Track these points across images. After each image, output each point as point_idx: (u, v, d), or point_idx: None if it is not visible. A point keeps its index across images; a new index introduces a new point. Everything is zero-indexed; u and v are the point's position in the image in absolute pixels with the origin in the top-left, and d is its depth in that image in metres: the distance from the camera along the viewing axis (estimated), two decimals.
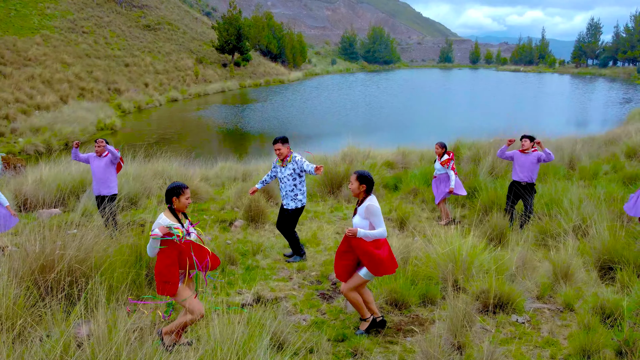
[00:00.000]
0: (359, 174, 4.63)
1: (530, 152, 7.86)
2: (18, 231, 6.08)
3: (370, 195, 4.65)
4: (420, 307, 5.09)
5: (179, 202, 4.15)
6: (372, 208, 4.50)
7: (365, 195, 4.63)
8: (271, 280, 5.90)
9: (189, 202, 4.23)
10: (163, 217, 4.06)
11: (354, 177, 4.64)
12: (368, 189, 4.62)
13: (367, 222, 4.52)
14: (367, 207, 4.52)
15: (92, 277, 3.89)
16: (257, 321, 3.02)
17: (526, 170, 7.85)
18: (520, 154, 7.94)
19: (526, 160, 7.85)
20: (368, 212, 4.50)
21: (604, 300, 4.38)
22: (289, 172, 6.53)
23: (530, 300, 5.07)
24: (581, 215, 6.55)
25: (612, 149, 13.38)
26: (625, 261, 5.23)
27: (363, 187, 4.60)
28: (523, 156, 7.90)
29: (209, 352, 2.55)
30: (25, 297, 3.60)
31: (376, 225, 4.48)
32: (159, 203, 8.85)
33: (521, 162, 7.90)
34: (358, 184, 4.60)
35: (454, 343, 4.03)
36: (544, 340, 4.40)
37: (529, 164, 7.83)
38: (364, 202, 4.59)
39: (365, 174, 4.64)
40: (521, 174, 7.92)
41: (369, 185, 4.61)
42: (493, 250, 5.61)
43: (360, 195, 4.64)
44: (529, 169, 7.84)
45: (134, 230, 5.69)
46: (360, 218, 4.57)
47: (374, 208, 4.51)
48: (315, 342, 3.72)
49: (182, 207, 4.19)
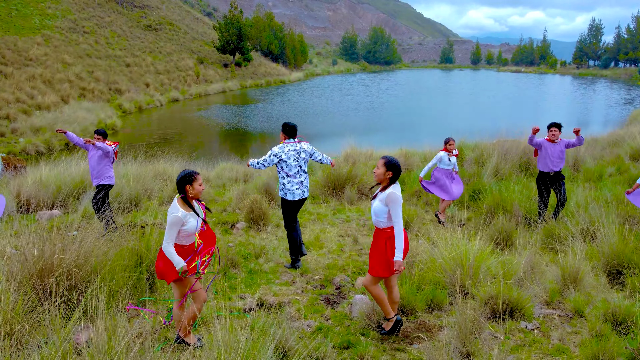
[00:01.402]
0: (387, 160, 4.49)
1: (559, 140, 7.79)
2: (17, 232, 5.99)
3: (395, 183, 4.52)
4: (426, 313, 4.98)
5: (193, 190, 4.04)
6: (393, 196, 4.37)
7: (388, 183, 4.50)
8: (274, 284, 5.79)
9: (202, 188, 4.13)
10: (179, 209, 3.95)
11: (381, 162, 4.50)
12: (393, 177, 4.49)
13: (386, 209, 4.40)
14: (389, 195, 4.38)
15: (92, 281, 3.79)
16: (261, 328, 2.93)
17: (556, 158, 7.82)
18: (549, 143, 7.84)
19: (555, 149, 7.80)
20: (389, 199, 4.36)
21: (615, 307, 4.28)
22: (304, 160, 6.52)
23: (539, 306, 4.96)
24: (589, 217, 6.45)
25: (616, 151, 13.26)
26: (635, 265, 5.13)
27: (389, 174, 4.47)
28: (552, 145, 7.82)
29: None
30: (24, 302, 3.50)
31: (394, 215, 4.35)
32: (159, 205, 8.74)
33: (550, 151, 7.82)
34: (385, 170, 4.47)
35: (463, 351, 3.90)
36: (554, 347, 4.30)
37: (558, 152, 7.80)
38: (387, 189, 4.46)
39: (394, 161, 4.50)
40: (550, 164, 7.87)
41: (395, 173, 4.48)
42: (500, 254, 5.47)
43: (384, 182, 4.51)
44: (559, 157, 7.82)
45: (134, 232, 5.58)
46: (381, 204, 4.45)
47: (396, 196, 4.37)
48: (321, 350, 3.62)
49: (197, 195, 4.07)
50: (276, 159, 6.23)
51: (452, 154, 8.63)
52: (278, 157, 6.24)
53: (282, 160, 6.24)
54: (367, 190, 10.39)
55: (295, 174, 6.32)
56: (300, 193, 6.38)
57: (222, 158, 15.87)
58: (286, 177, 6.31)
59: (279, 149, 6.27)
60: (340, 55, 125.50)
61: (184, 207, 3.99)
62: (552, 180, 7.91)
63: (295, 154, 6.31)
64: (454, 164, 8.64)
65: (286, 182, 6.32)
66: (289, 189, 6.33)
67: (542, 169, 7.95)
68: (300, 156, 6.36)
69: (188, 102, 46.69)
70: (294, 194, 6.34)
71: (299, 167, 6.36)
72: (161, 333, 3.88)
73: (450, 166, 8.59)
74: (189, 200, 4.04)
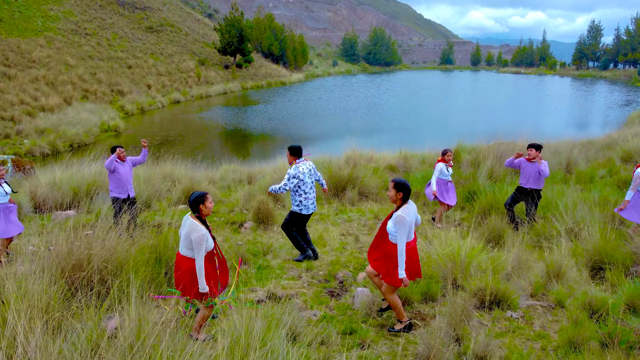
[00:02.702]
0: (396, 182, 4.77)
1: (536, 161, 8.03)
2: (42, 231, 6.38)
3: (407, 202, 4.77)
4: (422, 303, 5.41)
5: (206, 208, 4.46)
6: (400, 218, 4.62)
7: (401, 203, 4.77)
8: (282, 279, 6.25)
9: (212, 205, 4.57)
10: (202, 227, 4.35)
11: (391, 185, 4.81)
12: (405, 196, 4.75)
13: (396, 229, 4.66)
14: (398, 216, 4.65)
15: (118, 275, 4.20)
16: (273, 316, 3.31)
17: (532, 178, 8.07)
18: (527, 162, 8.13)
19: (532, 169, 8.05)
20: (397, 220, 4.64)
21: (592, 298, 4.70)
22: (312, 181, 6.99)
23: (524, 297, 5.39)
24: (575, 218, 6.84)
25: (608, 154, 13.63)
26: (614, 262, 5.56)
27: (400, 194, 4.74)
28: (530, 165, 8.09)
29: (232, 342, 2.84)
30: (60, 293, 3.90)
31: (397, 235, 4.60)
32: (169, 205, 9.17)
33: (528, 170, 8.11)
34: (395, 192, 4.75)
35: (453, 335, 4.35)
36: (535, 333, 4.74)
37: (534, 172, 8.04)
38: (400, 208, 4.74)
39: (402, 181, 4.77)
40: (526, 181, 8.14)
41: (405, 193, 4.74)
42: (490, 251, 5.93)
43: (397, 202, 4.79)
44: (535, 177, 8.05)
45: (153, 232, 6.00)
46: (392, 224, 4.72)
47: (401, 219, 4.61)
48: (326, 335, 4.03)
49: (208, 212, 4.50)
50: (296, 181, 6.68)
51: (449, 164, 9.01)
52: (297, 179, 6.67)
53: (300, 180, 6.70)
54: (367, 192, 10.80)
55: (310, 189, 6.82)
56: (313, 207, 6.94)
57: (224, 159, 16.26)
58: (303, 195, 6.79)
59: (294, 170, 6.71)
60: (341, 57, 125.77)
61: (202, 224, 4.40)
62: (528, 194, 8.18)
63: (308, 172, 6.83)
64: (448, 174, 9.04)
65: (303, 199, 6.80)
66: (305, 205, 6.83)
67: (521, 184, 8.26)
68: (311, 173, 6.93)
69: (189, 103, 47.01)
70: (308, 209, 6.87)
71: (312, 183, 6.89)
72: (181, 321, 4.28)
73: (448, 177, 8.99)
74: (203, 218, 4.46)
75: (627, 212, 6.98)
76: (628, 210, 6.99)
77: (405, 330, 4.82)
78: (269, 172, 12.11)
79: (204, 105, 45.28)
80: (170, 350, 2.81)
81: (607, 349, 3.95)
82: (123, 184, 7.72)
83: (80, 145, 27.06)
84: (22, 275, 3.86)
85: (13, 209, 7.00)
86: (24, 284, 3.57)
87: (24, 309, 3.20)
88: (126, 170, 7.80)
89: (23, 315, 3.12)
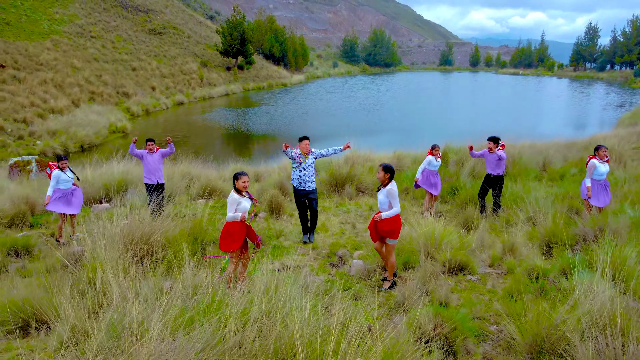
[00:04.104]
0: (384, 166, 6.23)
1: (496, 151, 9.47)
2: (86, 220, 7.61)
3: (392, 181, 6.20)
4: (403, 271, 6.83)
5: (238, 184, 6.05)
6: (392, 191, 6.14)
7: (388, 182, 6.19)
8: (293, 255, 7.61)
9: (245, 184, 6.08)
10: (233, 194, 6.04)
11: (380, 169, 6.24)
12: (391, 176, 6.21)
13: (387, 200, 6.08)
14: (389, 190, 6.13)
15: (169, 248, 5.50)
16: (289, 276, 4.42)
17: (493, 165, 9.56)
18: (488, 152, 9.56)
19: (492, 158, 9.53)
20: (389, 193, 6.11)
21: (534, 265, 5.90)
22: (311, 162, 8.34)
23: (484, 267, 6.86)
24: (536, 208, 8.02)
25: (583, 154, 14.80)
26: (560, 241, 6.76)
27: (387, 175, 6.19)
28: (490, 155, 9.54)
29: (261, 291, 3.95)
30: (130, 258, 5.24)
31: (393, 204, 6.08)
32: (189, 200, 10.48)
33: (489, 159, 9.60)
34: (384, 174, 6.19)
35: (423, 290, 5.69)
36: (487, 290, 6.20)
37: (494, 161, 9.53)
38: (387, 185, 6.15)
39: (389, 165, 6.26)
40: (489, 169, 9.65)
41: (391, 173, 6.22)
42: (461, 233, 7.19)
43: (384, 181, 6.21)
44: (495, 164, 9.54)
45: (192, 220, 7.37)
46: (383, 197, 6.16)
47: (393, 191, 6.13)
48: (330, 290, 5.22)
49: (240, 187, 6.07)
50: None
51: (438, 156, 10.17)
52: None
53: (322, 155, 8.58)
54: (364, 188, 12.05)
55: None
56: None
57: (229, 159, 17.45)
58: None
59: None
60: (341, 58, 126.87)
61: (236, 194, 6.08)
62: (493, 182, 9.64)
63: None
64: (437, 165, 10.18)
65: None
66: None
67: (488, 171, 9.76)
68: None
69: (193, 104, 48.00)
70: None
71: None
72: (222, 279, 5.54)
73: (436, 167, 10.13)
74: (238, 189, 6.03)
75: (592, 199, 8.27)
76: (592, 198, 8.26)
77: (391, 288, 6.19)
78: (277, 171, 13.33)
79: (207, 107, 46.24)
80: (220, 293, 3.95)
81: (537, 297, 5.10)
82: (152, 171, 9.21)
83: (90, 146, 28.16)
84: (99, 247, 5.06)
85: (77, 192, 8.79)
86: (101, 252, 4.79)
87: (109, 267, 4.37)
88: (155, 160, 9.26)
89: (109, 270, 4.27)
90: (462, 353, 4.40)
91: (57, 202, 8.52)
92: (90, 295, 4.29)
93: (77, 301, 3.95)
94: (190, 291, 3.97)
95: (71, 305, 3.83)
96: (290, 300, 3.75)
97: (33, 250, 7.60)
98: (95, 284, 4.46)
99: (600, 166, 8.28)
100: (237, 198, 5.96)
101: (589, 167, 8.36)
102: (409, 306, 5.18)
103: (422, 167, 10.11)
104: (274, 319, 3.47)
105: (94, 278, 4.49)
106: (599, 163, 8.31)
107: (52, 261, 6.06)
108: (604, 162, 8.40)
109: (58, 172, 8.72)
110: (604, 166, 8.33)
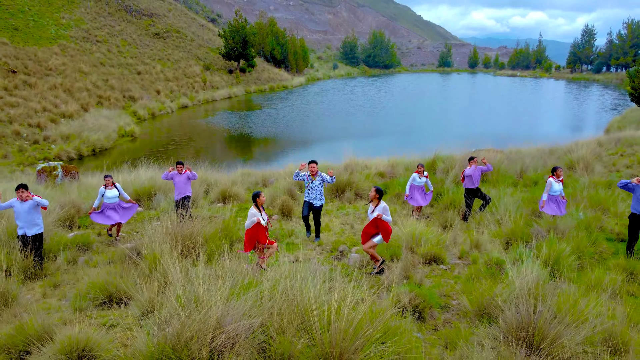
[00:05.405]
0: (377, 189, 7.99)
1: (476, 167, 11.16)
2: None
3: (381, 200, 7.97)
4: (390, 262, 8.36)
5: (258, 201, 7.84)
6: (385, 208, 7.92)
7: (378, 201, 7.93)
8: (303, 250, 9.28)
9: (262, 199, 7.90)
10: (252, 208, 7.74)
11: (373, 190, 8.00)
12: (380, 197, 7.96)
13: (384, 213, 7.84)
14: (384, 207, 7.90)
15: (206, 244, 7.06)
16: (302, 265, 5.92)
17: (475, 180, 11.17)
18: (471, 170, 11.15)
19: (475, 173, 11.12)
20: (384, 209, 7.86)
21: (491, 257, 7.48)
22: (318, 183, 9.74)
23: (454, 259, 8.62)
24: (506, 210, 9.60)
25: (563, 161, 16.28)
26: (519, 238, 8.37)
27: (377, 195, 7.96)
28: (473, 171, 11.14)
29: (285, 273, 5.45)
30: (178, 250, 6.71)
31: (387, 216, 7.78)
32: (210, 204, 12.13)
33: (474, 175, 11.16)
34: (375, 194, 7.96)
35: (404, 275, 7.29)
36: (454, 276, 7.98)
37: (476, 175, 11.17)
38: (380, 204, 7.90)
39: (380, 188, 8.03)
40: (470, 183, 11.23)
41: (380, 195, 8.00)
42: (438, 232, 8.82)
43: (375, 200, 7.96)
44: (476, 179, 11.20)
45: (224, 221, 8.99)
46: (381, 212, 7.79)
47: (386, 208, 7.92)
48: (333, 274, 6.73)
49: (260, 203, 7.84)
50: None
51: (422, 175, 11.66)
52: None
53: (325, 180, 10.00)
54: (361, 193, 13.61)
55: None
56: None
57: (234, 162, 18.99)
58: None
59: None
60: (341, 59, 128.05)
61: (255, 208, 7.78)
62: (475, 192, 11.21)
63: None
64: (424, 182, 11.70)
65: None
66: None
67: (469, 186, 11.26)
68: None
69: (197, 107, 49.18)
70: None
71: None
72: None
73: (421, 184, 11.65)
74: (258, 205, 7.75)
75: (546, 208, 9.77)
76: (546, 207, 9.77)
77: (379, 273, 7.82)
78: (283, 176, 14.84)
79: (210, 110, 47.36)
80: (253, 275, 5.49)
81: (487, 280, 6.64)
82: (179, 190, 10.62)
83: (101, 149, 29.48)
84: (154, 242, 6.59)
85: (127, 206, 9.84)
86: (157, 247, 6.34)
87: (167, 257, 5.87)
88: (181, 180, 10.64)
89: (168, 259, 5.78)
90: (429, 318, 5.96)
91: (100, 214, 9.59)
92: (156, 278, 5.78)
93: (148, 281, 5.44)
94: (232, 274, 5.46)
95: (145, 285, 5.32)
96: (305, 281, 5.24)
97: (92, 246, 9.10)
98: (154, 270, 5.95)
99: (555, 184, 9.92)
100: (256, 212, 7.66)
101: (547, 185, 9.96)
102: (392, 286, 6.67)
103: (409, 183, 11.71)
104: (296, 291, 4.98)
105: (153, 266, 5.98)
106: (554, 182, 9.95)
107: (111, 254, 7.62)
108: (559, 182, 9.98)
109: (102, 189, 9.65)
110: (558, 185, 9.93)
